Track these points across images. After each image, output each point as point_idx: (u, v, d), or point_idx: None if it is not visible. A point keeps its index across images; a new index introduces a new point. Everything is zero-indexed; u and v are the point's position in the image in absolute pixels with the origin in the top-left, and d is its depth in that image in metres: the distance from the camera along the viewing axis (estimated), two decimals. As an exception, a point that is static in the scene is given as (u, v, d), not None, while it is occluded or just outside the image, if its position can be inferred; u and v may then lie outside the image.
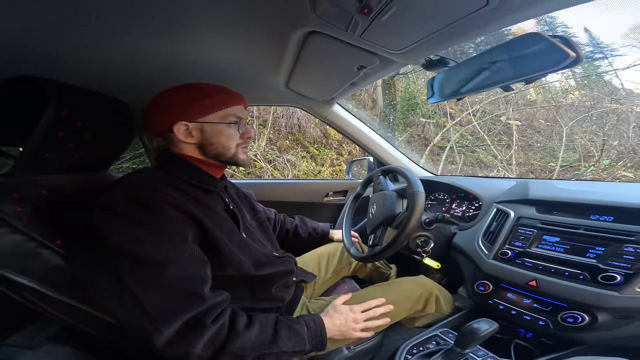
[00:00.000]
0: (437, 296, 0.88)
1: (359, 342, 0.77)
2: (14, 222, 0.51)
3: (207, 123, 0.66)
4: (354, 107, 4.15)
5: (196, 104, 0.65)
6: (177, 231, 0.55)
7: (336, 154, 4.57)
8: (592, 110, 3.38)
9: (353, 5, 0.50)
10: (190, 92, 0.66)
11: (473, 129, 4.21)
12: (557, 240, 0.71)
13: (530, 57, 0.53)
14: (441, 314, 0.90)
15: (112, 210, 0.53)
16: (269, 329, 0.59)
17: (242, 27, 0.63)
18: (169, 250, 0.53)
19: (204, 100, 0.66)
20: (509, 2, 0.44)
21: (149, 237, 0.52)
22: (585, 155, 3.43)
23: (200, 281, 0.55)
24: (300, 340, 0.61)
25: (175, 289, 0.51)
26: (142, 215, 0.53)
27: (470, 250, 0.87)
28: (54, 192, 0.62)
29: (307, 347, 0.61)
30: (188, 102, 0.65)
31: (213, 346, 0.52)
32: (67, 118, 0.62)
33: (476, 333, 0.55)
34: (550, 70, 0.50)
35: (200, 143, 0.67)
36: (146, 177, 0.61)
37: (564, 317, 0.63)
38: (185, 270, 0.53)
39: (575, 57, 0.47)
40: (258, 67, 0.87)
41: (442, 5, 0.48)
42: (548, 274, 0.68)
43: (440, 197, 1.23)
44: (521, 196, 0.86)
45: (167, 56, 0.72)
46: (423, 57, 0.69)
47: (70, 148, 0.65)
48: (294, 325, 0.63)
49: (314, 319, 0.67)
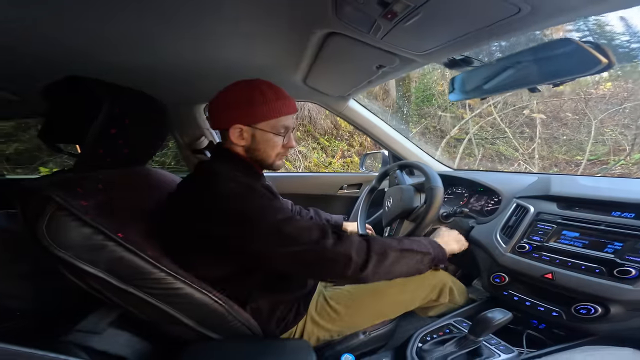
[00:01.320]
0: (451, 287, 0.91)
1: (373, 329, 0.82)
2: (83, 216, 0.56)
3: (259, 130, 0.70)
4: (365, 98, 4.08)
5: (255, 109, 0.68)
6: (284, 206, 0.66)
7: (347, 145, 4.55)
8: (626, 103, 3.17)
9: (376, 10, 0.51)
10: (252, 95, 0.68)
11: (493, 120, 4.06)
12: (576, 235, 0.72)
13: (560, 61, 0.53)
14: (454, 305, 0.92)
15: (232, 198, 0.61)
16: (391, 240, 0.69)
17: (264, 26, 0.65)
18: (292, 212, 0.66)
19: (262, 107, 0.68)
20: (540, 9, 0.44)
21: (271, 210, 0.62)
22: (615, 149, 3.25)
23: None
24: (421, 245, 0.71)
25: (311, 224, 0.64)
26: (255, 199, 0.63)
27: (487, 243, 0.89)
28: (109, 186, 0.67)
29: (430, 251, 0.72)
30: (248, 105, 0.68)
31: (362, 251, 0.62)
32: (118, 116, 0.67)
33: (490, 322, 0.58)
34: (580, 75, 0.50)
35: (248, 147, 0.72)
36: (232, 173, 0.68)
37: (577, 308, 0.65)
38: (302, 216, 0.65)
39: (607, 64, 0.47)
40: (277, 64, 0.89)
41: (472, 13, 0.48)
42: (564, 267, 0.69)
43: (458, 191, 1.24)
44: (542, 192, 0.87)
45: (191, 56, 0.75)
46: (446, 57, 0.69)
47: (120, 144, 0.70)
48: (410, 237, 0.75)
49: (424, 239, 0.77)
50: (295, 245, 0.60)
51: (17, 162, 3.33)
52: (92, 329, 0.62)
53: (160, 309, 0.63)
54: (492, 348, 0.65)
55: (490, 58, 0.68)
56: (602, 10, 0.45)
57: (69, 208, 0.55)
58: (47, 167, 3.21)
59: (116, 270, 0.59)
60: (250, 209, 0.61)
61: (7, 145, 3.27)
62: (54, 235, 0.54)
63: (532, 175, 1.09)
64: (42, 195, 0.55)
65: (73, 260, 0.55)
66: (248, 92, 0.69)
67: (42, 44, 0.65)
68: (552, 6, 0.44)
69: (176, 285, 0.63)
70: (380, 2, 0.49)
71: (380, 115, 1.38)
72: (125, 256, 0.59)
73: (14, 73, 0.85)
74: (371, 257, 0.62)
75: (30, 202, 0.56)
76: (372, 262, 0.62)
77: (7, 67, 0.80)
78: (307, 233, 0.61)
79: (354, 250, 0.61)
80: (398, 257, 0.66)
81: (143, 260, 0.61)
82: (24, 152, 3.31)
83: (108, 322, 0.64)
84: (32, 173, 3.17)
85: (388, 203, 1.10)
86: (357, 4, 0.51)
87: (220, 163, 0.72)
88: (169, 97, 0.79)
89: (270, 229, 0.60)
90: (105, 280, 0.58)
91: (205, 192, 0.63)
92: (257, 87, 0.69)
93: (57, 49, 0.67)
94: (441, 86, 4.91)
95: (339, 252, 0.60)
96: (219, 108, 0.71)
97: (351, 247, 0.62)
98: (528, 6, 0.44)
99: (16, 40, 0.63)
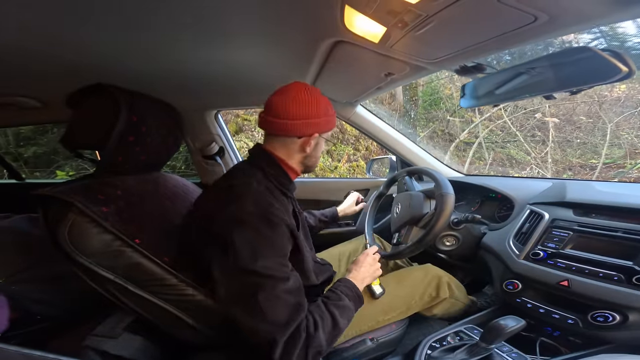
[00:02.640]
0: (447, 282, 0.90)
1: (381, 335, 0.81)
2: (104, 223, 0.57)
3: (322, 138, 0.73)
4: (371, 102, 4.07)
5: (329, 119, 0.71)
6: (285, 247, 0.61)
7: (353, 149, 4.55)
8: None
9: (386, 20, 0.51)
10: (327, 105, 0.70)
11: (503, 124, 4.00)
12: (593, 242, 0.71)
13: (578, 69, 0.52)
14: (457, 300, 0.92)
15: (243, 223, 0.57)
16: (327, 320, 0.61)
17: (273, 35, 0.66)
18: (283, 266, 0.58)
19: (333, 118, 0.72)
20: (559, 18, 0.44)
21: (271, 254, 0.57)
22: (632, 152, 3.15)
23: (301, 291, 0.60)
24: (349, 312, 0.66)
25: (289, 302, 0.56)
26: (266, 231, 0.57)
27: (500, 250, 0.87)
28: (126, 193, 0.68)
29: (353, 313, 0.67)
30: (326, 115, 0.69)
31: (302, 351, 0.55)
32: (136, 124, 0.68)
33: (503, 329, 0.57)
34: (600, 83, 0.50)
35: (309, 155, 0.72)
36: (261, 187, 0.64)
37: (594, 316, 0.64)
38: (294, 282, 0.59)
39: (628, 72, 0.46)
40: (285, 70, 0.90)
41: (485, 21, 0.47)
42: (581, 274, 0.68)
43: (469, 197, 1.23)
44: (557, 198, 0.86)
45: (205, 63, 0.77)
46: (458, 64, 0.69)
47: (137, 151, 0.72)
48: (339, 302, 0.66)
49: (346, 285, 0.71)
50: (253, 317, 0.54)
51: (35, 165, 3.44)
52: (108, 333, 0.63)
53: (174, 315, 0.63)
54: (504, 356, 0.64)
55: (499, 61, 0.67)
56: (623, 18, 0.44)
57: (91, 215, 0.56)
58: (63, 170, 3.31)
59: (133, 276, 0.60)
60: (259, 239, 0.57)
61: (26, 149, 3.39)
62: (76, 241, 0.56)
63: (546, 180, 1.07)
64: (64, 201, 0.57)
65: (94, 267, 0.57)
66: (323, 101, 0.70)
67: (67, 52, 0.67)
68: (570, 15, 0.43)
69: (189, 292, 0.64)
70: (390, 11, 0.49)
71: (387, 120, 1.38)
72: (142, 262, 0.60)
73: (37, 80, 0.88)
74: None
75: (52, 207, 0.57)
76: None
77: (32, 75, 0.83)
78: (279, 309, 0.54)
79: (295, 356, 0.54)
80: (331, 343, 0.61)
81: (159, 266, 0.61)
82: (42, 156, 3.41)
83: (123, 327, 0.65)
84: (50, 176, 3.27)
85: (397, 209, 1.09)
86: (367, 14, 0.51)
87: (257, 169, 0.68)
88: (182, 103, 0.81)
89: (244, 274, 0.55)
90: (122, 286, 0.59)
91: (229, 206, 0.60)
92: (319, 93, 0.70)
93: (82, 57, 0.70)
94: (449, 90, 4.87)
95: (283, 354, 0.53)
96: (299, 116, 0.67)
97: (294, 352, 0.54)
98: (545, 15, 0.43)
99: (42, 48, 0.65)
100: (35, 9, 0.49)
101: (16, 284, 0.82)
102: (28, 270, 0.86)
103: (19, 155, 3.38)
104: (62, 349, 0.66)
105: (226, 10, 0.54)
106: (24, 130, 3.37)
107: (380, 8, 0.48)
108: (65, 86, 0.71)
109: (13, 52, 0.64)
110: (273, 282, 0.55)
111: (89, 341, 0.61)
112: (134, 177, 0.75)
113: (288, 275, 0.58)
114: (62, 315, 0.86)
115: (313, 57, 0.77)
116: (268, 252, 0.57)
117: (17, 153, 3.37)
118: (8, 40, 0.59)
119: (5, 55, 0.66)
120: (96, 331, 0.63)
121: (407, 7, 0.46)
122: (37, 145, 3.39)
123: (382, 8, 0.48)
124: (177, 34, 0.64)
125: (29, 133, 3.41)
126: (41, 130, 3.39)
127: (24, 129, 3.29)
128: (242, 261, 0.55)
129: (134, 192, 0.71)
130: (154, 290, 0.62)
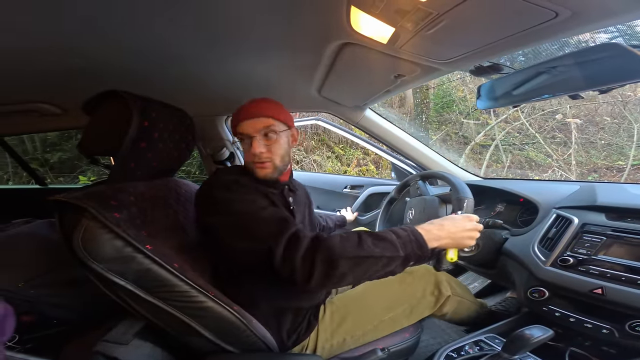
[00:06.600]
0: (447, 279, 0.86)
1: (393, 344, 0.77)
2: (116, 229, 0.57)
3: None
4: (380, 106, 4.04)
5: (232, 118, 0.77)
6: (259, 200, 0.68)
7: (362, 153, 4.51)
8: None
9: (395, 20, 0.49)
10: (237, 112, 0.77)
11: (520, 126, 3.86)
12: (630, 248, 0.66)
13: (607, 67, 0.49)
14: (462, 298, 0.87)
15: (212, 197, 0.67)
16: (352, 236, 0.60)
17: (280, 39, 0.65)
18: (257, 203, 0.66)
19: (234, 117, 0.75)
20: (582, 14, 0.41)
21: (246, 200, 0.66)
22: (663, 153, 2.96)
23: (287, 218, 0.65)
24: (387, 246, 0.58)
25: (273, 219, 0.63)
26: (234, 192, 0.68)
27: (524, 256, 0.83)
28: (138, 198, 0.68)
29: (399, 252, 0.58)
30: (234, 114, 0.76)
31: (307, 260, 0.56)
32: (147, 130, 0.69)
33: (528, 340, 0.53)
34: (631, 81, 0.47)
35: None
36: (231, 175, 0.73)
37: (632, 325, 0.60)
38: (275, 211, 0.66)
39: None
40: (292, 75, 0.90)
41: (502, 19, 0.45)
42: (617, 282, 0.64)
43: (488, 201, 1.17)
44: (587, 202, 0.80)
45: (215, 69, 0.79)
46: (472, 65, 0.66)
47: (149, 158, 0.72)
48: (380, 234, 0.61)
49: (405, 227, 0.63)
50: (248, 241, 0.61)
51: (60, 171, 3.59)
52: (119, 339, 0.63)
53: (183, 322, 0.63)
54: (529, 366, 0.60)
55: (512, 62, 0.64)
56: None
57: (103, 220, 0.57)
58: (85, 175, 3.43)
59: (143, 282, 0.60)
60: (227, 200, 0.65)
61: (52, 154, 3.54)
62: (89, 247, 0.56)
63: (571, 183, 1.01)
64: (77, 206, 0.57)
65: (105, 272, 0.57)
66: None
67: (86, 59, 0.69)
68: (595, 11, 0.41)
69: (199, 299, 0.63)
70: (398, 11, 0.47)
71: (398, 124, 1.35)
72: (153, 268, 0.60)
73: (58, 87, 0.91)
74: (315, 268, 0.55)
75: (67, 213, 0.58)
76: (317, 273, 0.55)
77: (52, 82, 0.85)
78: (264, 227, 0.61)
79: (299, 260, 0.56)
80: (352, 265, 0.57)
81: (170, 272, 0.61)
82: (67, 161, 3.54)
83: (134, 333, 0.65)
84: (73, 181, 3.40)
85: (410, 214, 1.06)
86: (373, 14, 0.50)
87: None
88: (194, 109, 0.83)
89: (232, 220, 0.63)
90: (133, 292, 0.59)
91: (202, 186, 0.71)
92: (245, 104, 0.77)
93: (100, 64, 0.71)
94: (461, 92, 4.77)
95: (285, 259, 0.57)
96: None
97: (296, 255, 0.56)
98: (568, 11, 0.40)
99: (63, 55, 0.66)
100: (55, 17, 0.51)
101: (35, 288, 0.84)
102: (47, 275, 0.88)
103: (45, 162, 3.53)
104: (73, 354, 0.67)
105: (234, 16, 0.54)
106: (51, 137, 3.51)
107: (388, 7, 0.47)
108: (84, 93, 0.72)
109: (35, 59, 0.66)
110: (252, 213, 0.63)
111: (100, 347, 0.61)
112: (146, 183, 0.76)
113: (265, 206, 0.66)
114: (78, 320, 0.87)
115: (320, 60, 0.77)
116: (243, 200, 0.65)
117: (43, 159, 3.52)
118: (31, 48, 0.61)
119: (28, 63, 0.68)
120: (107, 337, 0.64)
121: (416, 5, 0.44)
122: (62, 151, 3.50)
123: (390, 7, 0.47)
124: (190, 42, 0.65)
125: (55, 139, 3.53)
126: (66, 136, 3.49)
127: (50, 135, 3.43)
128: (221, 215, 0.64)
129: (145, 198, 0.71)
130: (164, 296, 0.61)
